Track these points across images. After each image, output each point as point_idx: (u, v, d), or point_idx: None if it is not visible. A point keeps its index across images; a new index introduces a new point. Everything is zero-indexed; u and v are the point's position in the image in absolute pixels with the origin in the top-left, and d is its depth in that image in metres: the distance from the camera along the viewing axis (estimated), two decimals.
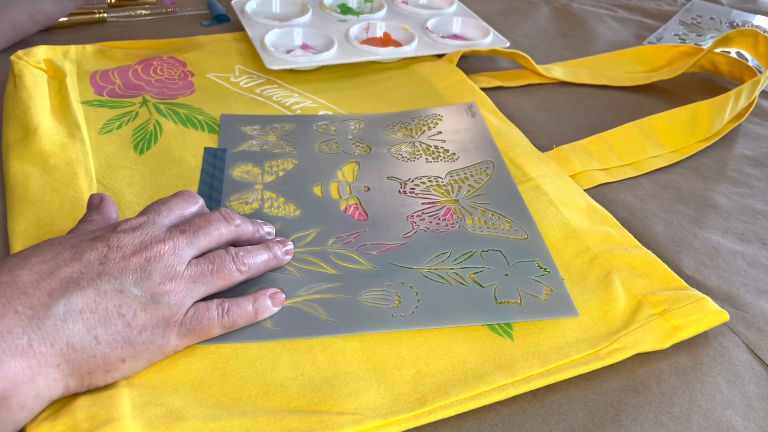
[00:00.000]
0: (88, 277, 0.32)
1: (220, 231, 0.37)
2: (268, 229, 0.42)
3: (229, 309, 0.36)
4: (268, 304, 0.37)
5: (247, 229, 0.40)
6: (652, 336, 0.38)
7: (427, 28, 0.71)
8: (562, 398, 0.36)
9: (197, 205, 0.40)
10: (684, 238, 0.49)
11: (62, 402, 0.32)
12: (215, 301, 0.36)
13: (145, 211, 0.38)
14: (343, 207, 0.47)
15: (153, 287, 0.33)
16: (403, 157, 0.52)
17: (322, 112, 0.58)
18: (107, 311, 0.32)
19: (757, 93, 0.63)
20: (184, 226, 0.36)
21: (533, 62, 0.67)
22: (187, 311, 0.34)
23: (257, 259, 0.38)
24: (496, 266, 0.42)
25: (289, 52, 0.65)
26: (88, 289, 0.32)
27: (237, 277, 0.37)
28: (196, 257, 0.36)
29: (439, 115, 0.58)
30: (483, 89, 0.63)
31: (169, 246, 0.35)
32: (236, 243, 0.39)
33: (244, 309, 0.36)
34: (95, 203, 0.40)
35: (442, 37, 0.71)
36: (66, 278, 0.32)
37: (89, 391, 0.32)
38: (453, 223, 0.46)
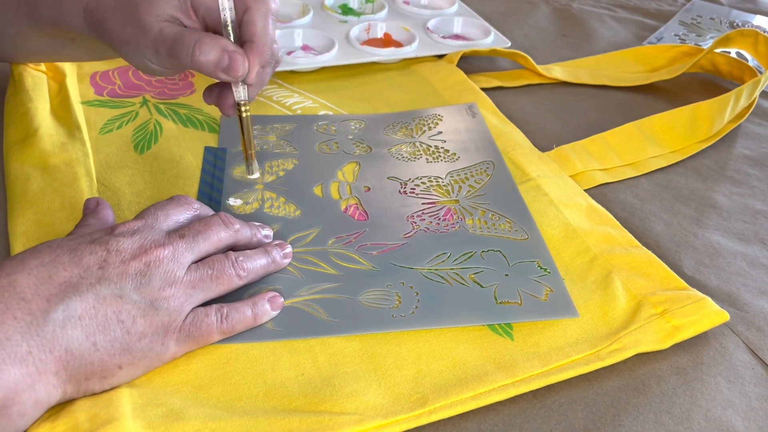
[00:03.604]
0: (87, 282, 0.32)
1: (220, 236, 0.37)
2: (266, 232, 0.42)
3: (228, 314, 0.35)
4: (267, 308, 0.37)
5: (245, 233, 0.39)
6: (652, 336, 0.38)
7: (428, 28, 0.71)
8: (563, 398, 0.36)
9: (193, 209, 0.39)
10: (684, 238, 0.49)
11: (63, 403, 0.32)
12: (214, 307, 0.35)
13: (142, 215, 0.37)
14: (343, 207, 0.47)
15: (152, 293, 0.33)
16: (403, 157, 0.52)
17: (322, 112, 0.58)
18: (106, 317, 0.31)
19: (757, 93, 0.63)
20: (183, 231, 0.36)
21: (533, 62, 0.67)
22: (186, 317, 0.34)
23: (256, 264, 0.38)
24: (496, 266, 0.42)
25: (290, 53, 0.65)
26: (87, 295, 0.31)
27: (236, 283, 0.37)
28: (195, 262, 0.36)
29: (439, 115, 0.58)
30: (483, 89, 0.63)
31: (168, 250, 0.34)
32: (234, 246, 0.39)
33: (242, 314, 0.36)
34: (91, 207, 0.40)
35: (443, 37, 0.71)
36: (65, 283, 0.31)
37: None
38: (453, 224, 0.46)
